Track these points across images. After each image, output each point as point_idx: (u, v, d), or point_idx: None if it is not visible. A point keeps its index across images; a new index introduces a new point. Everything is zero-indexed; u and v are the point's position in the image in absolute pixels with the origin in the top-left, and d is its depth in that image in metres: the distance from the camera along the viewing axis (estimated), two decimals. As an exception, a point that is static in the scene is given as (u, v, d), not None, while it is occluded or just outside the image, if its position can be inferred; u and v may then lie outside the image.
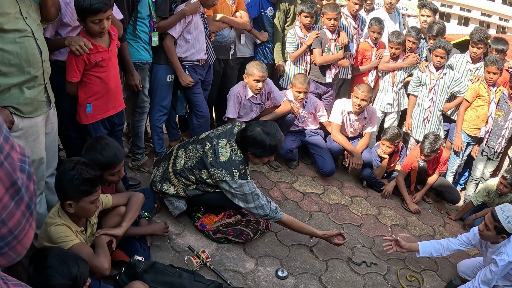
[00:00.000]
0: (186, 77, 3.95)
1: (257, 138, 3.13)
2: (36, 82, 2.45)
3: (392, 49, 5.19)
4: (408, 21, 18.06)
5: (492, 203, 4.70)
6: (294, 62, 5.00)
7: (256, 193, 3.19)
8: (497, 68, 4.79)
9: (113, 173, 2.75)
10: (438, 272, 3.77)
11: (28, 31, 2.33)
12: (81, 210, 2.37)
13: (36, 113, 2.49)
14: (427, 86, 5.09)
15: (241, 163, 3.17)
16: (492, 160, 5.16)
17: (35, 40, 2.37)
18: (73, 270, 1.90)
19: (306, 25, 4.89)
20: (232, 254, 3.26)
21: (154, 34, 3.68)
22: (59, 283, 1.86)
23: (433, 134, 4.68)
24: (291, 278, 3.17)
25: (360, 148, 4.88)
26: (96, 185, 2.35)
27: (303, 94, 4.62)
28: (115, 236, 2.59)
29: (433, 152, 4.64)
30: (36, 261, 1.89)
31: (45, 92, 2.55)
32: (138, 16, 3.56)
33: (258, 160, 3.28)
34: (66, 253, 2.02)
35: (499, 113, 4.96)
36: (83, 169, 2.30)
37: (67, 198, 2.31)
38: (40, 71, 2.45)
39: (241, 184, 3.15)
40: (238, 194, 3.18)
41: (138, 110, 3.86)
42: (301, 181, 4.64)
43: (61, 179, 2.31)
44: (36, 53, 2.39)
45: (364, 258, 3.61)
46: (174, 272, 2.63)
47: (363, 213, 4.36)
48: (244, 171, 3.17)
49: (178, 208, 3.42)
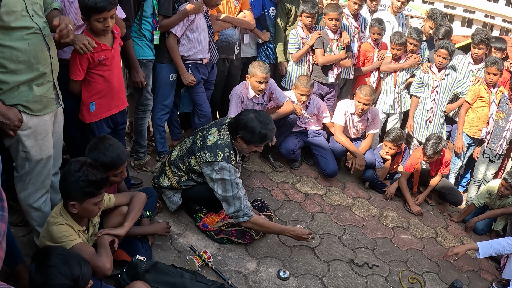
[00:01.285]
0: (189, 76, 3.95)
1: (249, 123, 3.15)
2: (45, 79, 2.44)
3: (393, 50, 5.18)
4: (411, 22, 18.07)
5: (494, 205, 4.70)
6: (297, 62, 4.99)
7: (236, 183, 3.16)
8: (497, 69, 4.78)
9: (116, 173, 2.75)
10: (440, 274, 3.76)
11: (36, 28, 2.32)
12: (84, 211, 2.37)
13: (45, 110, 2.48)
14: (430, 87, 5.08)
15: (226, 147, 3.18)
16: (494, 162, 5.15)
17: (43, 36, 2.37)
18: (75, 271, 1.89)
19: (307, 26, 4.88)
20: (234, 254, 3.26)
21: (156, 32, 3.69)
22: (60, 283, 1.85)
23: (435, 136, 4.66)
24: (292, 279, 3.16)
25: (363, 149, 4.87)
26: (101, 187, 2.35)
27: (306, 97, 4.60)
28: (117, 236, 2.59)
29: (435, 154, 4.63)
30: (38, 260, 1.89)
31: (54, 89, 2.55)
32: (143, 15, 3.58)
33: (246, 147, 3.25)
34: (69, 253, 2.01)
35: (500, 115, 4.95)
36: (89, 171, 2.29)
37: (71, 199, 2.31)
38: (48, 67, 2.44)
39: (222, 167, 3.12)
40: (218, 180, 3.14)
41: (141, 108, 3.87)
42: (303, 181, 4.63)
43: (66, 179, 2.30)
44: (45, 49, 2.39)
45: (366, 260, 3.60)
46: (176, 272, 2.63)
47: (365, 214, 4.35)
48: (228, 154, 3.16)
49: (173, 202, 3.45)
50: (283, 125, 4.55)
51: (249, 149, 3.29)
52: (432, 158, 4.69)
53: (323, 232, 3.83)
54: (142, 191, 3.24)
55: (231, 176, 3.13)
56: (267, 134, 3.18)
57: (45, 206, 2.70)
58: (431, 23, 5.57)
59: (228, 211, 3.20)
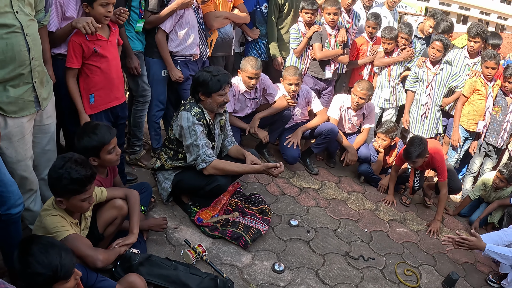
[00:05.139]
0: (176, 72, 3.94)
1: (200, 77, 3.28)
2: (22, 81, 2.37)
3: (385, 45, 5.20)
4: (406, 19, 18.11)
5: (489, 198, 4.71)
6: (298, 57, 5.00)
7: (195, 131, 3.23)
8: (495, 63, 4.79)
9: (110, 150, 2.74)
10: (436, 266, 3.76)
11: (17, 27, 2.26)
12: (73, 207, 2.34)
13: (21, 113, 2.41)
14: (425, 82, 5.08)
15: (189, 103, 3.33)
16: (491, 156, 5.16)
17: (24, 36, 2.30)
18: (53, 261, 1.85)
19: (307, 22, 4.89)
20: (229, 248, 3.25)
21: (139, 21, 3.70)
22: (38, 271, 1.82)
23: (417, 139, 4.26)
24: (288, 272, 3.16)
25: (358, 143, 4.88)
26: (85, 185, 2.28)
27: (294, 86, 4.50)
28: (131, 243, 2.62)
29: (417, 158, 4.19)
30: (20, 248, 1.86)
31: (34, 91, 2.46)
32: (132, 5, 3.61)
33: (211, 101, 3.31)
34: (51, 242, 1.95)
35: (497, 109, 4.96)
36: (72, 168, 2.24)
37: (57, 195, 2.29)
38: (27, 69, 2.37)
39: (181, 115, 3.25)
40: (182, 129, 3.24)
41: (140, 99, 3.88)
42: (298, 176, 4.62)
43: (51, 176, 2.28)
44: (23, 50, 2.31)
45: (361, 253, 3.60)
46: (170, 265, 2.63)
47: (360, 208, 4.35)
48: (189, 106, 3.29)
49: (164, 189, 3.50)
50: (277, 121, 4.55)
51: (215, 101, 3.33)
52: (415, 163, 4.28)
53: (318, 226, 3.83)
54: (138, 186, 3.27)
55: (189, 123, 3.22)
56: (220, 79, 3.26)
57: (35, 205, 2.69)
58: (432, 22, 5.60)
59: (189, 160, 3.30)
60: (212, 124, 3.42)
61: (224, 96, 3.32)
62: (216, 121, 3.49)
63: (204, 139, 3.27)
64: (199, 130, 3.24)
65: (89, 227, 2.59)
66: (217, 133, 3.51)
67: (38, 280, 1.84)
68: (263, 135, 4.43)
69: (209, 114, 3.37)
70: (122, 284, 2.33)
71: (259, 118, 4.40)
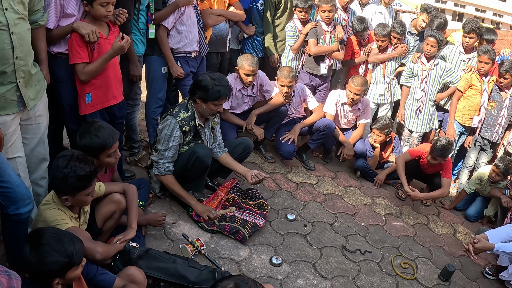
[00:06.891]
0: (177, 69, 3.96)
1: (203, 81, 3.30)
2: (5, 79, 2.33)
3: (378, 42, 5.22)
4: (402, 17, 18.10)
5: (484, 191, 4.75)
6: (296, 54, 5.03)
7: (168, 142, 3.30)
8: (489, 58, 4.82)
9: (110, 154, 2.76)
10: (433, 259, 3.80)
11: (3, 24, 2.23)
12: (78, 202, 2.39)
13: (3, 111, 2.37)
14: (419, 77, 5.12)
15: (179, 106, 3.39)
16: (486, 150, 5.20)
17: (9, 34, 2.27)
18: (68, 248, 1.90)
19: (301, 20, 4.91)
20: (227, 242, 3.28)
21: (151, 26, 3.71)
22: (55, 260, 1.86)
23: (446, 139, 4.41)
24: (285, 266, 3.19)
25: (354, 139, 4.92)
26: (91, 180, 2.34)
27: (287, 88, 4.44)
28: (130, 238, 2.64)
29: (440, 157, 4.40)
30: (32, 240, 1.89)
31: (17, 91, 2.42)
32: (140, 8, 3.61)
33: (205, 106, 3.35)
34: (61, 231, 2.02)
35: (492, 104, 5.00)
36: (77, 166, 2.28)
37: (63, 194, 2.32)
38: (10, 68, 2.33)
39: (166, 119, 3.33)
40: (160, 132, 3.33)
41: (130, 102, 3.89)
42: (295, 171, 4.66)
43: (55, 176, 2.29)
44: (7, 48, 2.27)
45: (358, 246, 3.63)
46: (169, 258, 2.65)
47: (357, 202, 4.39)
48: (177, 110, 3.35)
49: (156, 181, 3.57)
50: (274, 117, 4.58)
51: (209, 108, 3.36)
52: (435, 160, 4.44)
53: (315, 220, 3.86)
54: (136, 182, 3.30)
55: (168, 131, 3.30)
56: (220, 90, 3.29)
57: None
58: (425, 17, 5.61)
59: (152, 157, 3.44)
60: (202, 126, 3.47)
61: (218, 106, 3.37)
62: (208, 123, 3.54)
63: (171, 152, 3.35)
64: (173, 144, 3.33)
65: (88, 222, 2.61)
66: (208, 135, 3.57)
67: (54, 268, 1.88)
68: (259, 133, 4.46)
69: (199, 118, 3.42)
70: (122, 277, 2.35)
71: (256, 114, 4.43)
